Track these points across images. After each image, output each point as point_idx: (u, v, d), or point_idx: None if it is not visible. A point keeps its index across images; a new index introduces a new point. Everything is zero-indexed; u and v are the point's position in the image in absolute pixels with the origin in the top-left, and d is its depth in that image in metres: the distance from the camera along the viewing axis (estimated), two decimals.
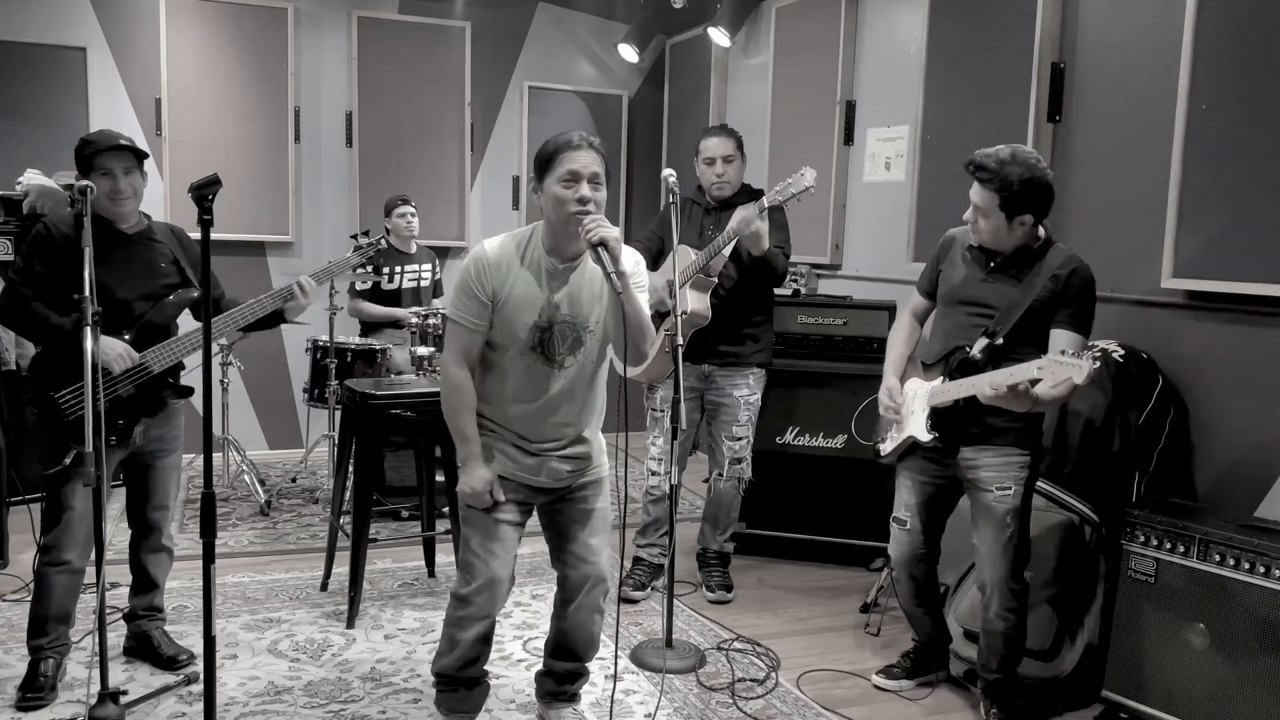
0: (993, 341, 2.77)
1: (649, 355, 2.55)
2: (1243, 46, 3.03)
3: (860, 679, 3.27)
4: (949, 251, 3.01)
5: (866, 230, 4.90)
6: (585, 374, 2.59)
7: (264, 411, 6.08)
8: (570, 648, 2.75)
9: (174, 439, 3.12)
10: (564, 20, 6.59)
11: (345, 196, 6.12)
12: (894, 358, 3.09)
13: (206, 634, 2.29)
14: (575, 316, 2.52)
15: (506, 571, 2.57)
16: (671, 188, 3.43)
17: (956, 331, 2.88)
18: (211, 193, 2.29)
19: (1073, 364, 2.44)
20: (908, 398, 2.98)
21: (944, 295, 2.97)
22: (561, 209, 2.43)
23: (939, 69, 4.25)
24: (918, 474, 3.02)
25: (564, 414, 2.58)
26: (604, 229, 2.38)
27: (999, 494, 2.83)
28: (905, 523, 3.07)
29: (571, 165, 2.43)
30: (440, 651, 2.64)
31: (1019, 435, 2.84)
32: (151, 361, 2.92)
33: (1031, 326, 2.76)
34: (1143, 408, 3.16)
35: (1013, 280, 2.81)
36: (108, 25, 5.55)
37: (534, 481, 2.60)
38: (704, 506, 4.14)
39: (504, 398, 2.56)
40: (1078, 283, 2.74)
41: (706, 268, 3.64)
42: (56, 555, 2.89)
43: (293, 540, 4.49)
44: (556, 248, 2.51)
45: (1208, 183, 3.13)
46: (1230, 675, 2.65)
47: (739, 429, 3.85)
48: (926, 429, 2.88)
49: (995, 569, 2.86)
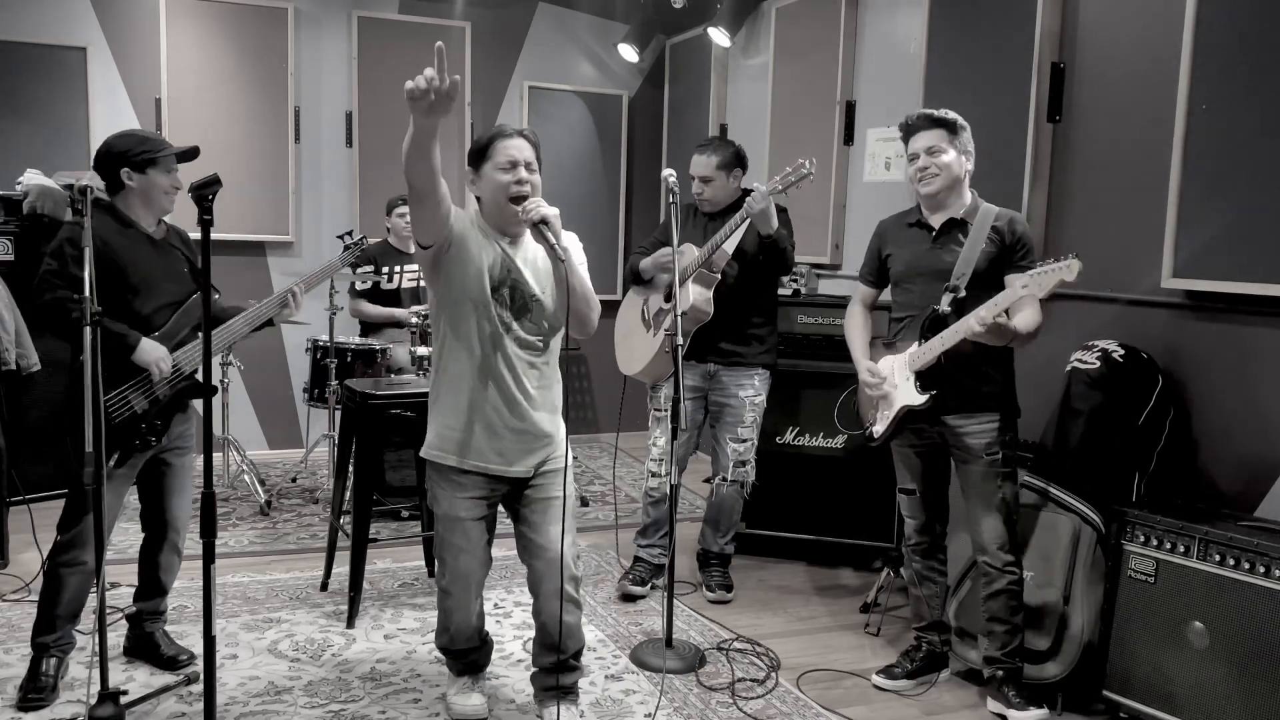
0: (956, 295, 2.92)
1: (594, 325, 2.71)
2: (1243, 46, 3.03)
3: (860, 679, 3.27)
4: (886, 237, 3.20)
5: (866, 230, 4.83)
6: (537, 343, 2.70)
7: (264, 411, 6.08)
8: (549, 640, 2.78)
9: (190, 436, 3.15)
10: (564, 20, 6.59)
11: (345, 196, 6.12)
12: (859, 344, 3.23)
13: (206, 634, 2.30)
14: (520, 283, 2.67)
15: (476, 564, 2.77)
16: (671, 188, 3.43)
17: (921, 301, 3.03)
18: (211, 193, 2.29)
19: (1057, 266, 2.63)
20: (886, 374, 3.08)
21: (899, 274, 3.13)
22: (500, 193, 2.61)
23: (939, 69, 4.25)
24: (911, 445, 3.15)
25: (520, 388, 2.67)
26: (544, 208, 2.53)
27: (988, 458, 2.97)
28: (914, 490, 3.19)
29: (508, 153, 2.61)
30: (438, 629, 2.88)
31: (998, 399, 3.00)
32: (184, 363, 2.96)
33: (985, 278, 2.93)
34: (1143, 408, 3.16)
35: (956, 240, 2.99)
36: (108, 25, 5.55)
37: (497, 470, 2.69)
38: (705, 509, 4.14)
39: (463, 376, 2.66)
40: (1019, 230, 2.98)
41: (710, 262, 3.64)
42: (75, 555, 2.88)
43: (293, 540, 4.49)
44: (498, 229, 2.69)
45: (1208, 183, 3.13)
46: (1230, 675, 2.65)
47: (744, 430, 3.85)
48: (918, 391, 2.97)
49: (992, 527, 2.99)
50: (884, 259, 3.19)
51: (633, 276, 3.96)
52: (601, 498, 5.36)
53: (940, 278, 2.97)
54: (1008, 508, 2.99)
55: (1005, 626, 2.99)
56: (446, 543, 2.73)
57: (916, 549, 3.23)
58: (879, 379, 3.08)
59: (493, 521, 2.80)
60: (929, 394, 2.95)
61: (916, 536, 3.22)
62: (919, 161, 3.00)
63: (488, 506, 2.76)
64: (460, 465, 2.69)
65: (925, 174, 2.99)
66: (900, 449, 3.18)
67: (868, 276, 3.28)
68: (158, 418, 2.93)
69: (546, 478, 2.77)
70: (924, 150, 2.98)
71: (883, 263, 3.20)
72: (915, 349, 2.98)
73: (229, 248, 5.64)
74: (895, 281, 3.15)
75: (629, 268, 4.00)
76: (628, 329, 3.99)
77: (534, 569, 2.77)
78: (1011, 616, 2.99)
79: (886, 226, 3.23)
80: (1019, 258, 2.94)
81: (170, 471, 3.08)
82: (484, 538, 2.78)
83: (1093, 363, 3.22)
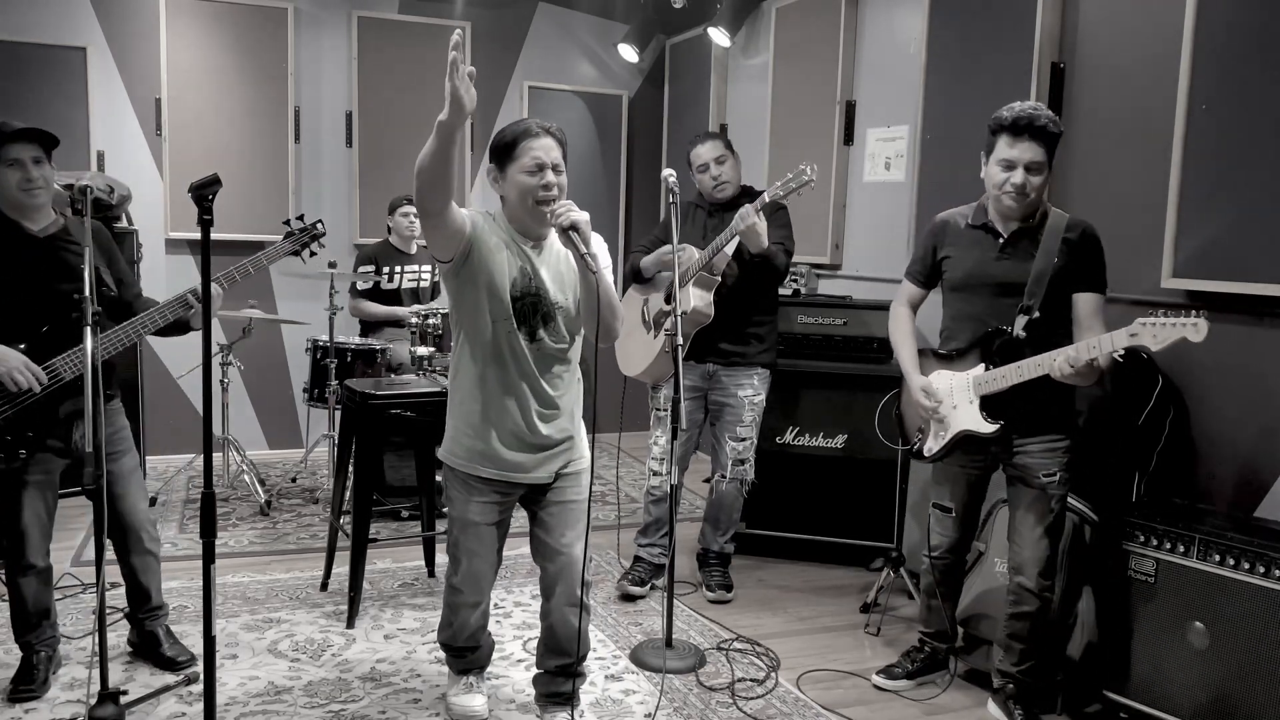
0: (1030, 317, 2.74)
1: (619, 333, 2.62)
2: (1243, 46, 3.03)
3: (860, 679, 3.26)
4: (944, 236, 2.98)
5: (866, 230, 4.90)
6: (559, 350, 2.62)
7: (264, 411, 6.08)
8: (556, 644, 2.76)
9: (121, 439, 3.01)
10: (564, 20, 6.59)
11: (345, 196, 6.12)
12: (909, 356, 3.03)
13: (206, 634, 2.29)
14: (544, 291, 2.57)
15: (487, 565, 2.73)
16: (671, 188, 3.43)
17: (985, 315, 2.84)
18: (211, 193, 2.29)
19: (1182, 323, 2.38)
20: (943, 392, 2.94)
21: (958, 281, 2.92)
22: (527, 196, 2.50)
23: (939, 69, 4.25)
24: (961, 465, 3.00)
25: (541, 393, 2.60)
26: (574, 213, 2.43)
27: (1046, 479, 2.83)
28: (951, 510, 3.06)
29: (535, 154, 2.49)
30: (442, 624, 2.85)
31: (1061, 421, 2.85)
32: (61, 369, 2.77)
33: (1055, 294, 2.75)
34: (1143, 408, 3.16)
35: (1026, 252, 2.79)
36: (108, 25, 5.55)
37: (516, 478, 2.64)
38: (705, 508, 4.14)
39: (482, 381, 2.59)
40: (1092, 243, 2.77)
41: (710, 265, 3.64)
42: (21, 561, 2.90)
43: (293, 540, 4.49)
44: (522, 231, 2.58)
45: (1208, 183, 3.13)
46: (1230, 675, 2.65)
47: (743, 429, 3.85)
48: (985, 420, 2.82)
49: (1037, 548, 2.85)
50: (939, 260, 2.98)
51: (633, 275, 3.96)
52: (602, 497, 5.36)
53: (1006, 291, 2.79)
54: (1056, 530, 2.86)
55: (1023, 646, 2.92)
56: (459, 544, 2.70)
57: (939, 563, 3.13)
58: (936, 401, 2.91)
59: (506, 525, 2.76)
60: (998, 425, 2.79)
61: (944, 553, 3.11)
62: (1015, 176, 2.72)
63: (501, 511, 2.71)
64: (478, 473, 2.64)
65: (1020, 193, 2.73)
66: (949, 468, 3.03)
67: (918, 276, 3.06)
68: (24, 428, 2.75)
69: (566, 480, 2.71)
70: (1025, 165, 2.71)
71: (937, 264, 2.98)
72: (981, 372, 2.82)
73: (229, 247, 5.61)
74: (952, 288, 2.95)
75: (629, 266, 4.00)
76: (628, 330, 3.99)
77: (547, 571, 2.74)
78: (1031, 638, 2.91)
79: (945, 224, 2.98)
80: (1091, 274, 2.75)
81: (110, 478, 2.91)
82: (496, 542, 2.75)
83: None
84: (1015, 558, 2.91)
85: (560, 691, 2.81)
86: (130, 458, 3.07)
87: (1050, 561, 2.87)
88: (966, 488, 3.04)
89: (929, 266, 3.04)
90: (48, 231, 2.87)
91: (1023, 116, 2.72)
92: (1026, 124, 2.71)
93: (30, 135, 2.79)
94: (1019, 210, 2.78)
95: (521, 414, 2.60)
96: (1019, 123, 2.72)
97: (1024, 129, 2.71)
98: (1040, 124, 2.71)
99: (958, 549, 3.13)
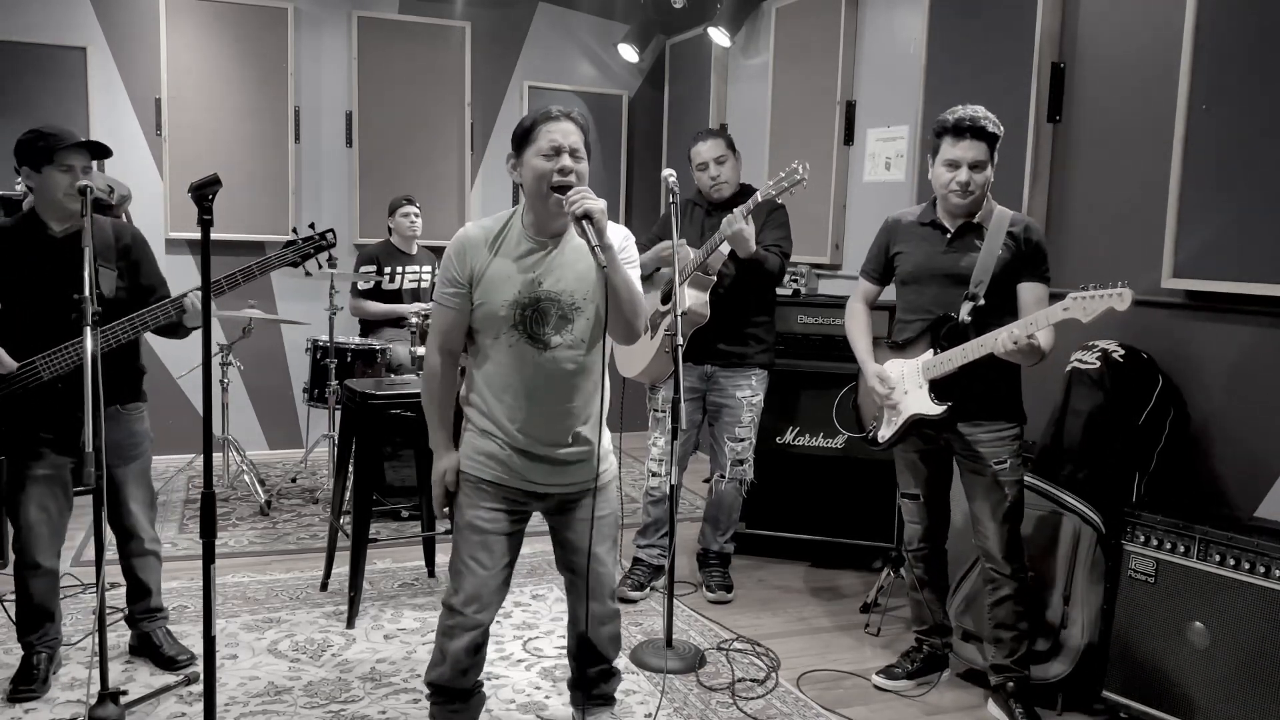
0: (975, 304, 2.86)
1: (641, 332, 2.48)
2: (1243, 46, 3.03)
3: (860, 679, 3.26)
4: (895, 234, 3.11)
5: (866, 230, 4.86)
6: (576, 357, 2.42)
7: (264, 411, 6.08)
8: (594, 651, 2.64)
9: (132, 445, 3.03)
10: (564, 20, 6.60)
11: (345, 196, 6.12)
12: (865, 346, 3.15)
13: (206, 634, 2.29)
14: (560, 293, 2.39)
15: (495, 582, 2.47)
16: (671, 188, 3.43)
17: (934, 304, 2.95)
18: (211, 193, 2.28)
19: (1107, 294, 2.47)
20: (895, 379, 3.02)
21: (909, 274, 3.04)
22: (542, 182, 2.33)
23: (939, 69, 4.25)
24: (916, 450, 3.10)
25: (554, 402, 2.42)
26: (589, 201, 2.27)
27: (998, 467, 2.93)
28: (918, 495, 3.15)
29: (551, 137, 2.33)
30: (433, 662, 2.53)
31: (1008, 407, 2.95)
32: (40, 368, 2.77)
33: (1000, 285, 2.87)
34: (1143, 408, 3.16)
35: (972, 245, 2.91)
36: (108, 25, 5.56)
37: (530, 488, 2.47)
38: (705, 508, 4.14)
39: (493, 386, 2.43)
40: (1035, 238, 2.90)
41: (705, 265, 3.64)
42: (27, 558, 2.92)
43: (293, 540, 4.49)
44: (538, 223, 2.40)
45: (1208, 183, 3.13)
46: (1230, 675, 2.65)
47: (741, 430, 3.85)
48: (934, 402, 2.91)
49: (999, 534, 2.94)
50: (891, 257, 3.10)
51: None
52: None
53: (954, 282, 2.91)
54: (1015, 514, 2.95)
55: (1012, 633, 2.97)
56: (463, 556, 2.44)
57: (918, 554, 3.20)
58: (889, 387, 3.01)
59: (517, 544, 2.53)
60: (945, 405, 2.89)
61: (919, 542, 3.19)
62: (960, 174, 2.84)
63: (512, 521, 2.49)
64: (486, 477, 2.45)
65: (965, 190, 2.85)
66: (905, 454, 3.13)
67: (871, 273, 3.19)
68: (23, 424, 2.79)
69: (594, 495, 2.52)
70: (969, 163, 2.83)
71: (889, 260, 3.11)
72: (930, 357, 2.92)
73: (229, 247, 5.63)
74: (903, 281, 3.06)
75: None
76: None
77: (577, 586, 2.58)
78: (1018, 623, 2.96)
79: (896, 223, 3.11)
80: (1034, 266, 2.87)
81: (114, 481, 2.97)
82: (505, 556, 2.48)
83: (1093, 363, 3.22)
84: (981, 545, 3.01)
85: (602, 694, 2.71)
86: (138, 463, 3.08)
87: (1015, 544, 2.96)
88: (927, 472, 3.13)
89: (882, 264, 3.15)
90: (67, 233, 2.91)
91: (964, 118, 2.85)
92: (969, 125, 2.83)
93: (86, 145, 2.86)
94: (965, 206, 2.90)
95: (535, 427, 2.42)
96: (961, 124, 2.84)
97: (966, 130, 2.83)
98: (980, 124, 2.84)
99: (932, 536, 3.18)
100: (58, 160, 2.79)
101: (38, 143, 2.80)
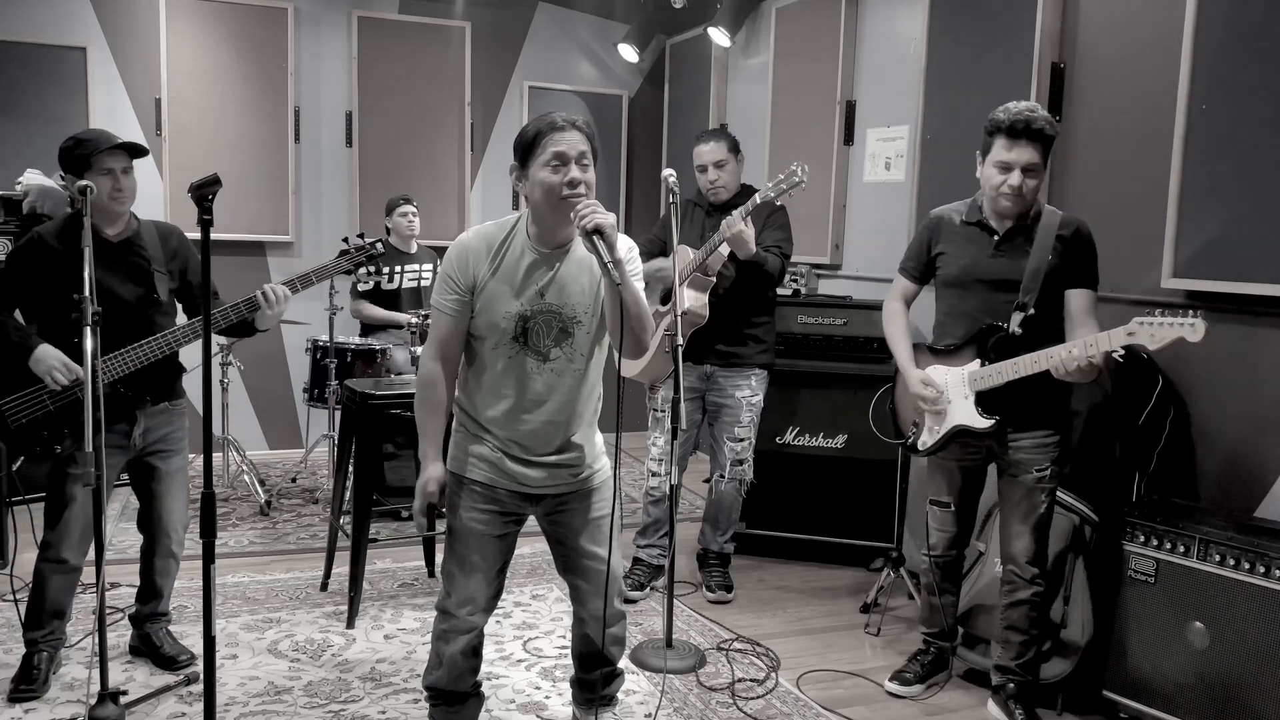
0: (1026, 314, 2.76)
1: (650, 347, 2.46)
2: (1243, 46, 3.03)
3: (860, 679, 3.26)
4: (939, 233, 2.98)
5: (866, 230, 4.90)
6: (574, 370, 2.41)
7: (264, 411, 6.08)
8: (598, 653, 2.63)
9: (177, 440, 3.09)
10: (564, 20, 6.59)
11: (345, 196, 6.12)
12: (905, 351, 3.03)
13: (206, 634, 2.29)
14: (561, 306, 2.37)
15: (488, 586, 2.45)
16: (671, 188, 3.43)
17: (979, 311, 2.86)
18: (211, 193, 2.29)
19: (1180, 323, 2.39)
20: (942, 389, 2.94)
21: (953, 277, 2.93)
22: (551, 195, 2.28)
23: (939, 69, 4.25)
24: (956, 458, 3.02)
25: (549, 413, 2.40)
26: (599, 215, 2.21)
27: (1037, 474, 2.86)
28: (949, 504, 3.08)
29: (557, 148, 2.27)
30: (429, 666, 2.51)
31: (1053, 416, 2.87)
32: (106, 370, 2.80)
33: (1049, 291, 2.78)
34: (1143, 408, 3.16)
35: (1021, 249, 2.81)
36: (108, 25, 5.55)
37: (521, 489, 2.45)
38: (705, 508, 4.14)
39: (486, 394, 2.41)
40: (1085, 241, 2.80)
41: (704, 266, 3.64)
42: (54, 553, 2.92)
43: (293, 540, 4.49)
44: (543, 234, 2.37)
45: (1208, 183, 3.13)
46: (1230, 675, 2.65)
47: (741, 430, 3.85)
48: (980, 415, 2.84)
49: (1028, 539, 2.90)
50: (934, 256, 2.98)
51: None
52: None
53: (1001, 288, 2.81)
54: (1047, 522, 2.91)
55: (1022, 637, 2.95)
56: (456, 558, 2.43)
57: (940, 561, 3.14)
58: (936, 393, 2.91)
59: (510, 547, 2.51)
60: (993, 420, 2.82)
61: (943, 550, 3.12)
62: (1012, 178, 2.73)
63: (506, 524, 2.47)
64: (479, 478, 2.44)
65: (1015, 194, 2.74)
66: (944, 463, 3.05)
67: (912, 271, 3.06)
68: (62, 424, 2.81)
69: (588, 496, 2.51)
70: (1022, 166, 2.72)
71: (931, 260, 2.99)
72: (977, 368, 2.83)
73: (229, 247, 5.63)
74: (946, 284, 2.96)
75: None
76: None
77: (580, 588, 2.56)
78: (1030, 628, 2.94)
79: (939, 220, 2.98)
80: (1084, 270, 2.78)
81: (156, 475, 3.05)
82: (498, 560, 2.47)
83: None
84: (1006, 549, 2.96)
85: (604, 694, 2.71)
86: (179, 459, 3.10)
87: (1041, 551, 2.91)
88: (962, 481, 3.05)
89: (924, 263, 3.04)
90: (121, 236, 2.95)
91: (1019, 119, 2.72)
92: (1024, 127, 2.72)
93: (123, 146, 2.88)
94: (1014, 210, 2.80)
95: (524, 429, 2.40)
96: (1016, 125, 2.72)
97: (1021, 132, 2.72)
98: (1037, 126, 2.72)
99: (957, 544, 3.13)
100: (96, 165, 2.82)
101: (75, 150, 2.83)
